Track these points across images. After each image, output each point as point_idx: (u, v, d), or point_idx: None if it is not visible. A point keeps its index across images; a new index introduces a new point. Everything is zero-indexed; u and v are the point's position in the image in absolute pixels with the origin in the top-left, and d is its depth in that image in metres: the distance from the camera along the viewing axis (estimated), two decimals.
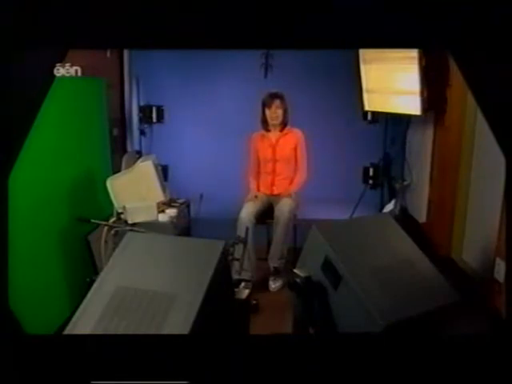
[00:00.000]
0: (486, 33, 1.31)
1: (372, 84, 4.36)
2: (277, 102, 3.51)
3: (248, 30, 1.36)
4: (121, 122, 4.78)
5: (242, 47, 1.53)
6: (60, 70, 2.95)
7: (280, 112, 3.53)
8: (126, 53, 4.72)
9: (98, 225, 2.82)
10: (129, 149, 4.83)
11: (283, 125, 3.60)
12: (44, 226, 2.64)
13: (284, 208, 3.41)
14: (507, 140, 1.37)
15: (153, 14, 1.34)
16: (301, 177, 3.64)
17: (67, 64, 2.97)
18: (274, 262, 3.49)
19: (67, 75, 2.99)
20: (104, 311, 1.45)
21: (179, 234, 3.13)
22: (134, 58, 4.81)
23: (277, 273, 3.51)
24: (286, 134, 3.62)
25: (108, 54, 4.30)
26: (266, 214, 3.55)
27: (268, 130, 3.63)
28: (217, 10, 1.34)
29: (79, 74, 3.02)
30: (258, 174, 3.73)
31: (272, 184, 3.66)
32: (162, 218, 3.03)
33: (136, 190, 2.96)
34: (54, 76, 2.76)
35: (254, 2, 1.34)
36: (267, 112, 3.55)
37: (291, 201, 3.47)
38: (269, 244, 3.64)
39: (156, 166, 3.09)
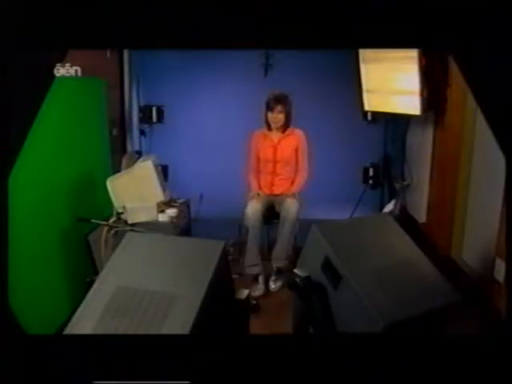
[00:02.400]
0: (486, 33, 1.31)
1: (372, 84, 4.36)
2: (279, 107, 3.50)
3: (248, 30, 1.36)
4: (121, 122, 4.77)
5: (242, 47, 1.53)
6: (60, 70, 2.95)
7: (281, 116, 3.52)
8: (125, 53, 4.71)
9: (98, 225, 2.82)
10: (129, 149, 4.82)
11: (285, 126, 3.59)
12: (44, 226, 2.64)
13: (290, 209, 3.38)
14: (507, 140, 1.38)
15: (153, 14, 1.34)
16: (302, 177, 3.63)
17: (67, 64, 2.97)
18: (278, 263, 3.45)
19: (67, 75, 2.99)
20: (104, 311, 1.45)
21: (179, 234, 3.13)
22: (134, 58, 4.81)
23: (279, 273, 3.50)
24: (288, 135, 3.61)
25: (108, 54, 4.30)
26: (267, 214, 3.54)
27: (270, 130, 3.63)
28: (217, 10, 1.34)
29: (79, 74, 3.02)
30: (258, 172, 3.72)
31: (272, 184, 3.65)
32: (162, 217, 3.02)
33: (136, 190, 2.97)
34: (54, 76, 2.76)
35: (254, 2, 1.34)
36: (269, 115, 3.55)
37: (296, 201, 3.46)
38: (269, 244, 3.63)
39: (156, 166, 3.09)
